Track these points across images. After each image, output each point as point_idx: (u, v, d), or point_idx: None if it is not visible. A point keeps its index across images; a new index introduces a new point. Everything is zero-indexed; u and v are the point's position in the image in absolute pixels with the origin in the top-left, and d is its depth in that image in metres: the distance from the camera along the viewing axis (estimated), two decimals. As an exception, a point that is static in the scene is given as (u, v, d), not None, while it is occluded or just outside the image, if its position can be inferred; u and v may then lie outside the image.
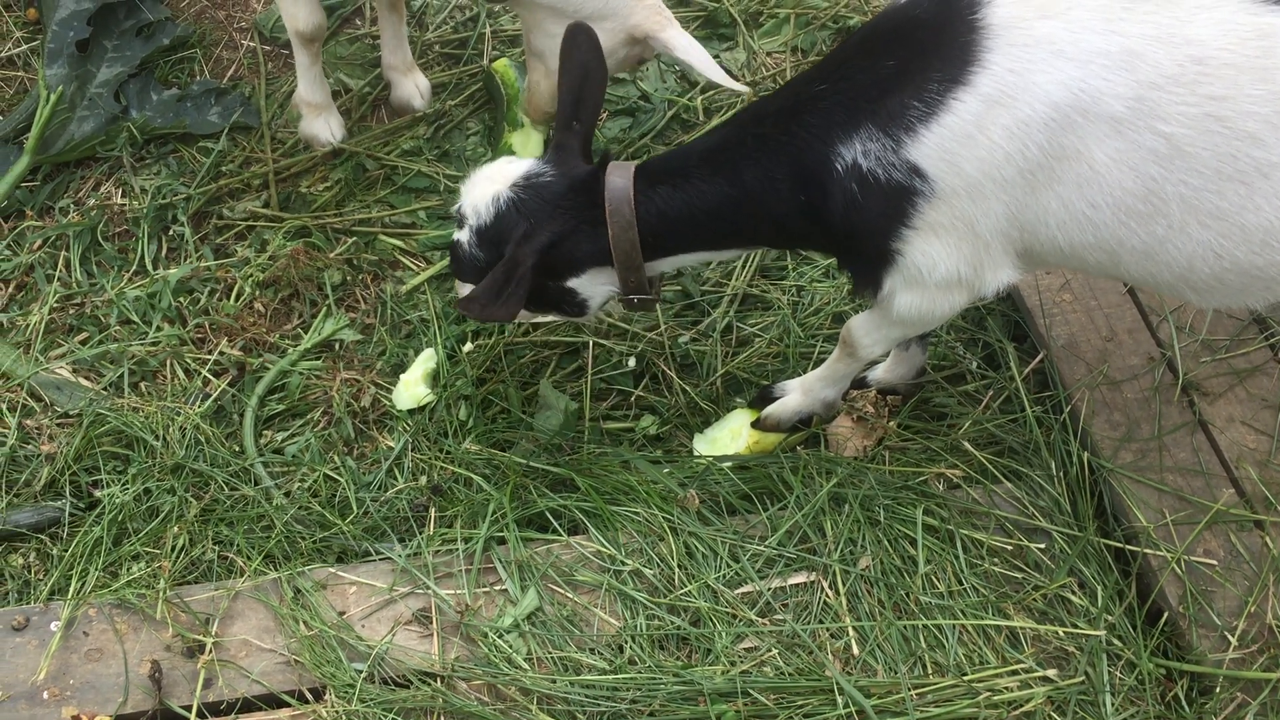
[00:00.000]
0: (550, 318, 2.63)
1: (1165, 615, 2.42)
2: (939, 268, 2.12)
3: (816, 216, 2.17)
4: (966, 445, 2.67)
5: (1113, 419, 2.67)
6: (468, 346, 2.92)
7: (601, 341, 2.95)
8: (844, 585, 2.42)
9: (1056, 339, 2.79)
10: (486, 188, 2.36)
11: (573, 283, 2.38)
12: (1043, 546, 2.49)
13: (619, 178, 2.26)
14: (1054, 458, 2.63)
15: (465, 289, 2.50)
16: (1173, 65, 1.89)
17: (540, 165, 2.37)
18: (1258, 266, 2.04)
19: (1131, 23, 1.91)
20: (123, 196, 3.24)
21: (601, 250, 2.30)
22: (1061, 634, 2.37)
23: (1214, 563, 2.45)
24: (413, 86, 3.41)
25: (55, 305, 3.01)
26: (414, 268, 3.13)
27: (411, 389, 2.84)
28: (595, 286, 2.40)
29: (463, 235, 2.41)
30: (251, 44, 3.58)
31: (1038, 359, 2.79)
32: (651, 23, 2.74)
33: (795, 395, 2.72)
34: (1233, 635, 2.34)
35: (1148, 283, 2.21)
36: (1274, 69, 1.87)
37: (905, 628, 2.36)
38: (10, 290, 3.06)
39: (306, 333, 3.00)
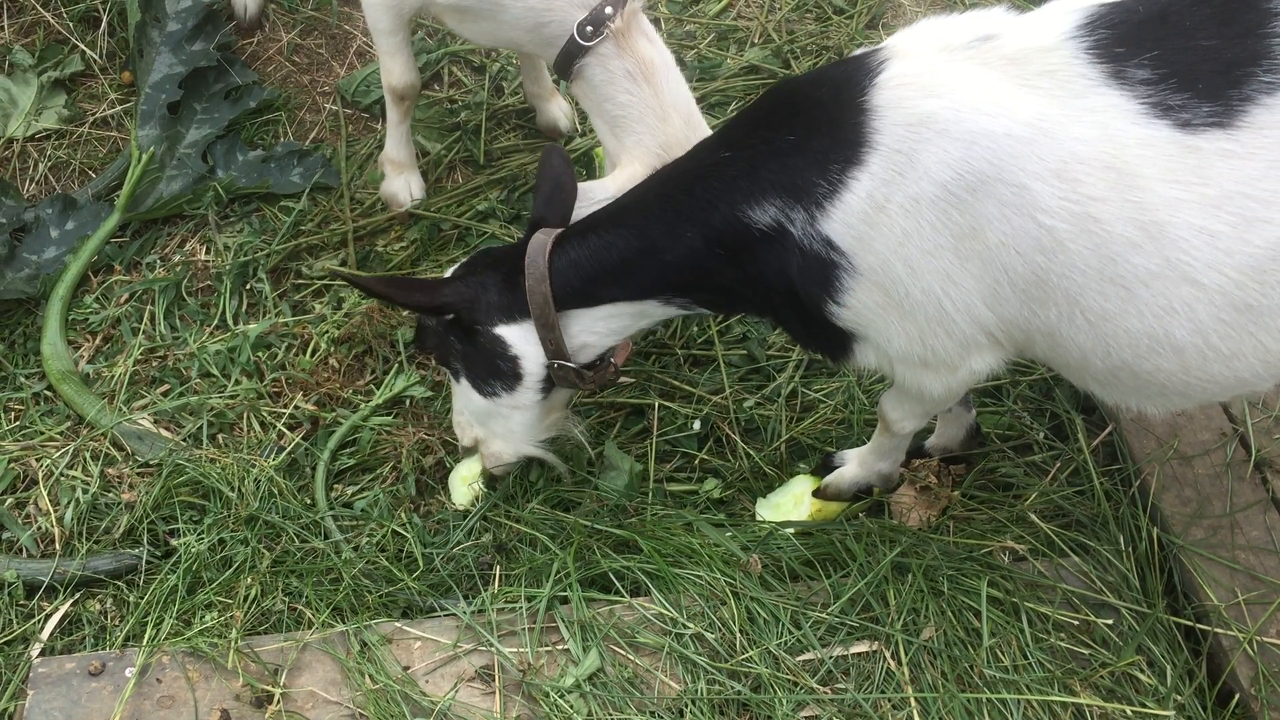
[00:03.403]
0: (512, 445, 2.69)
1: (1237, 697, 2.38)
2: (892, 344, 2.15)
3: (745, 271, 2.22)
4: (1033, 517, 2.65)
5: (1183, 494, 2.64)
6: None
7: (667, 404, 2.99)
8: (906, 655, 2.41)
9: (1126, 412, 2.77)
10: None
11: (500, 330, 2.47)
12: (1110, 623, 2.46)
13: (542, 235, 2.41)
14: (1122, 532, 2.60)
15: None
16: (1056, 159, 1.89)
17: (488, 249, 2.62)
18: (1146, 371, 2.02)
19: (1019, 111, 1.91)
20: (207, 253, 3.35)
21: (519, 303, 2.41)
22: (1129, 713, 2.33)
23: (1288, 644, 2.41)
24: (557, 110, 3.54)
25: (139, 357, 3.11)
26: (484, 327, 3.19)
27: (469, 484, 2.84)
28: (526, 344, 2.46)
29: None
30: (334, 107, 3.70)
31: (1106, 431, 2.77)
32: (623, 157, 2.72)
33: (852, 466, 2.73)
34: (1307, 720, 2.29)
35: (1061, 368, 2.21)
36: (1154, 179, 1.86)
37: (969, 701, 2.34)
38: (97, 342, 3.17)
39: (378, 389, 3.06)
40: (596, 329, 2.46)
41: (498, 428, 2.65)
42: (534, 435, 2.67)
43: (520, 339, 2.47)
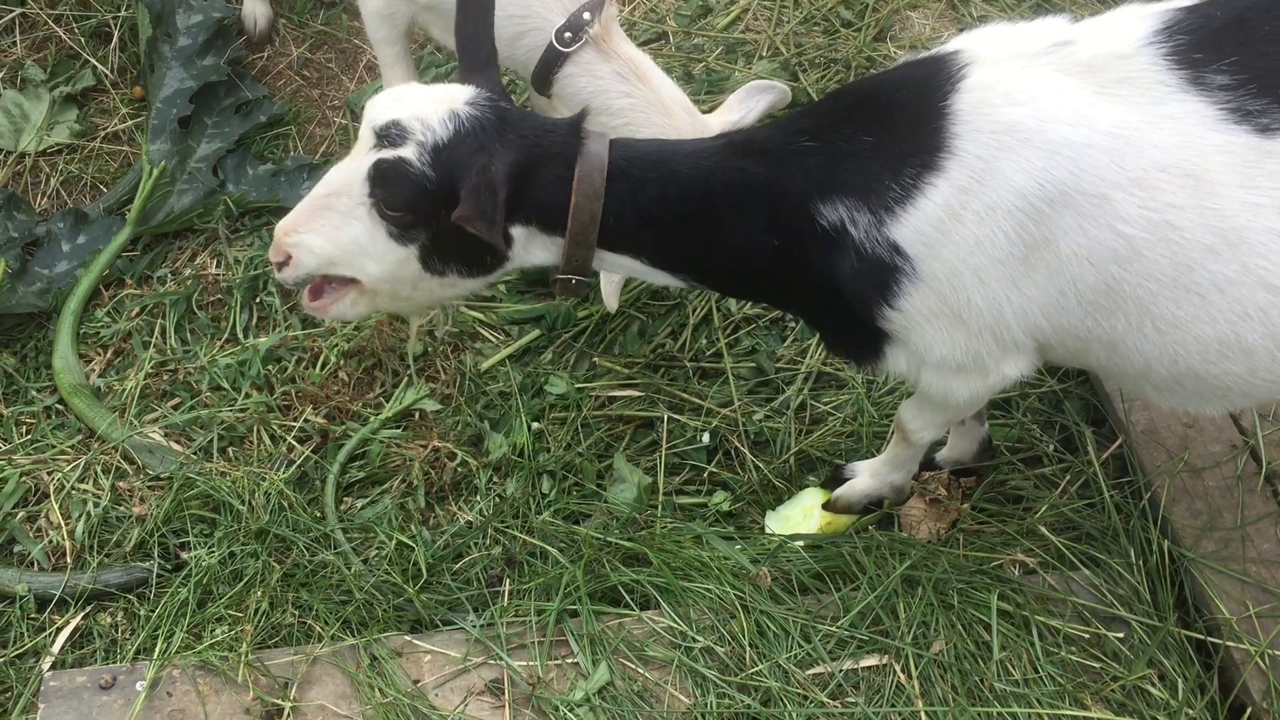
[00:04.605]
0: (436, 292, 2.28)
1: (1249, 711, 2.37)
2: (934, 350, 2.12)
3: (786, 264, 2.16)
4: (1043, 530, 2.65)
5: (1193, 507, 2.64)
6: (535, 425, 2.97)
7: (676, 416, 2.99)
8: (916, 669, 2.40)
9: (1136, 424, 2.76)
10: (434, 106, 2.08)
11: (515, 230, 2.13)
12: (1121, 636, 2.45)
13: (596, 145, 2.10)
14: (1133, 545, 2.59)
15: (345, 226, 2.14)
16: (1137, 168, 1.89)
17: (484, 94, 2.13)
18: (1213, 375, 2.02)
19: (1100, 119, 1.90)
20: (217, 267, 3.36)
21: (553, 209, 2.11)
22: (1141, 727, 2.33)
23: (1300, 658, 2.40)
24: None
25: (150, 371, 3.13)
26: (493, 339, 3.20)
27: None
28: (530, 249, 2.18)
29: (406, 152, 2.05)
30: (343, 121, 3.71)
31: (1116, 444, 2.76)
32: None
33: (864, 478, 2.72)
34: (1320, 734, 2.28)
35: (1114, 375, 2.20)
36: (1233, 185, 1.86)
37: (979, 715, 2.33)
38: (109, 356, 3.18)
39: (388, 402, 3.07)
40: (600, 263, 2.26)
41: (403, 291, 2.27)
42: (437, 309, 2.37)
43: (525, 239, 2.16)
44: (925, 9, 3.94)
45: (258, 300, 3.29)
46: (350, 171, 2.13)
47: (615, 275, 2.72)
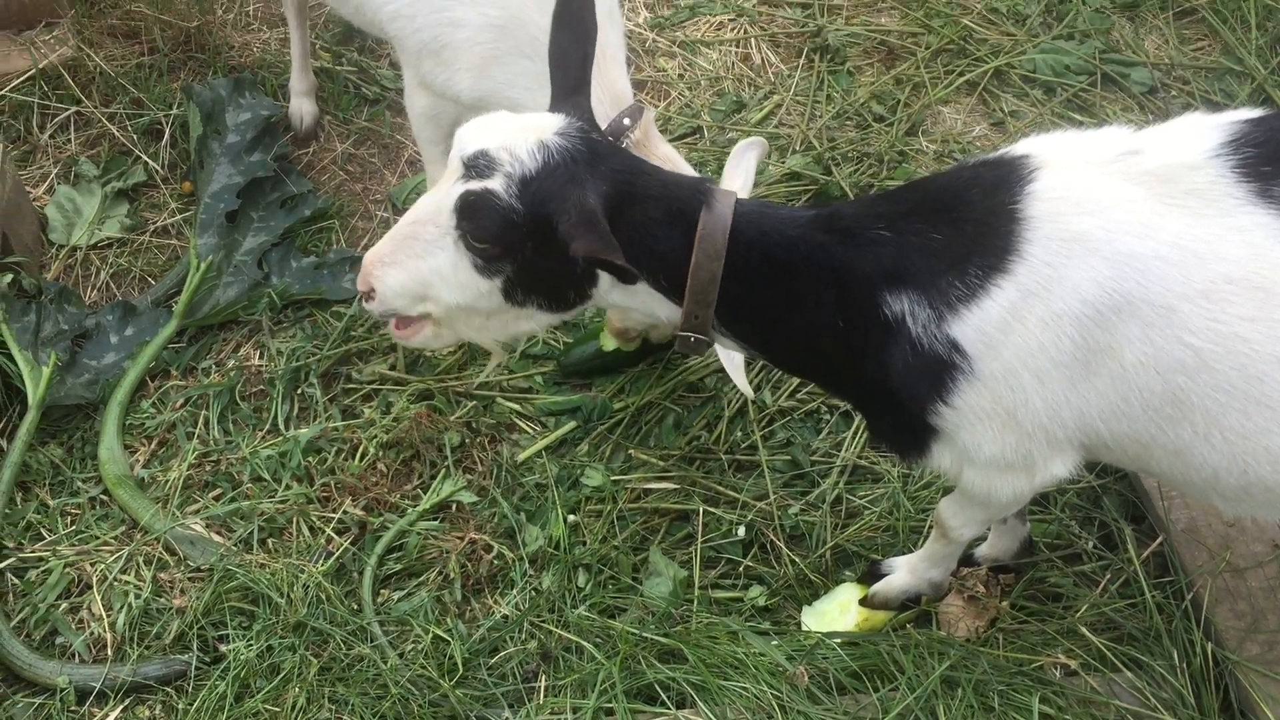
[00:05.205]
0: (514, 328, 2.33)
1: (1299, 821, 2.32)
2: (983, 449, 2.12)
3: (848, 347, 2.16)
4: (1084, 630, 2.62)
5: (1237, 608, 2.60)
6: (571, 518, 2.99)
7: (711, 509, 3.00)
8: (957, 773, 2.37)
9: (1176, 522, 2.74)
10: (523, 136, 2.08)
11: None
12: (1166, 741, 2.41)
13: (722, 205, 2.10)
14: (1176, 647, 2.56)
15: (429, 256, 2.17)
16: (1204, 280, 1.90)
17: (575, 123, 2.13)
18: None
19: (1167, 231, 1.92)
20: (260, 358, 3.42)
21: (640, 251, 2.08)
22: (1188, 837, 2.28)
23: (1351, 766, 2.34)
24: None
25: (193, 462, 3.17)
26: (529, 430, 3.23)
27: None
28: (612, 289, 2.19)
29: (494, 184, 2.05)
30: (385, 214, 3.79)
31: (1157, 542, 2.74)
32: None
33: (902, 574, 2.71)
34: (1374, 847, 2.22)
35: (1178, 483, 2.18)
36: None
37: (1021, 822, 2.29)
38: (153, 446, 3.23)
39: (425, 493, 3.09)
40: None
41: (476, 321, 2.31)
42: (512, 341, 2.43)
43: (609, 280, 2.17)
44: (956, 104, 4.00)
45: (299, 391, 3.34)
46: (438, 201, 2.15)
47: (740, 360, 2.77)
